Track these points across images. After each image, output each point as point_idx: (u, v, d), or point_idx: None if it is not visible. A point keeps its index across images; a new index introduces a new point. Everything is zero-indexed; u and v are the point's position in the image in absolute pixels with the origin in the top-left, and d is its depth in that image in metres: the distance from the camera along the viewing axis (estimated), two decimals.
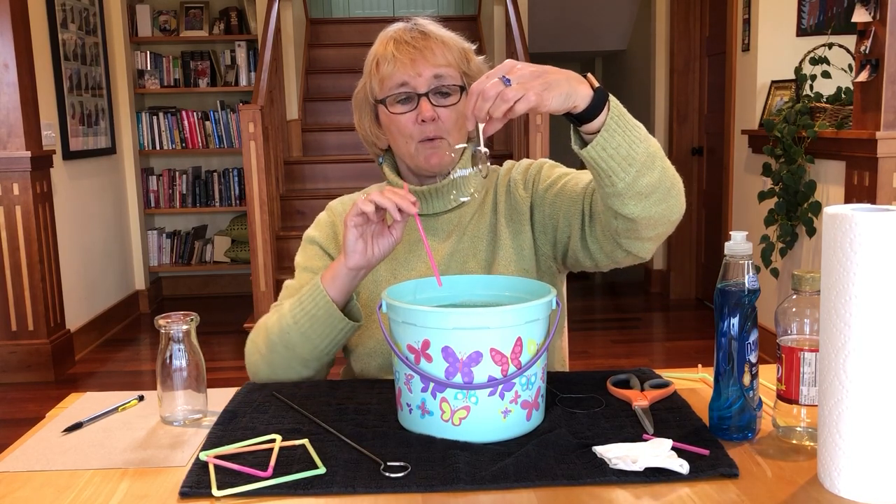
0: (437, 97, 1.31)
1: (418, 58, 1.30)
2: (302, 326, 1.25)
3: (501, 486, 0.91)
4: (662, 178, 1.13)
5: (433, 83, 1.30)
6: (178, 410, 1.15)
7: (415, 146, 1.33)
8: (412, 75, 1.30)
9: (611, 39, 6.35)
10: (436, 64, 1.30)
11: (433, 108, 1.30)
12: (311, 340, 1.26)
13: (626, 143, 1.08)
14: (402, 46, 1.30)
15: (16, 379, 3.78)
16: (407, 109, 1.31)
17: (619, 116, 1.08)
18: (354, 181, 4.81)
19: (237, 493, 0.91)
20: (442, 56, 1.31)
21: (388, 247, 1.23)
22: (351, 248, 1.21)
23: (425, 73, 1.30)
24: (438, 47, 1.31)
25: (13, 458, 1.04)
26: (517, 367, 1.02)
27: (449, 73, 1.31)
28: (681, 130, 5.22)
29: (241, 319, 4.45)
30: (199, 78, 5.35)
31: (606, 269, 1.33)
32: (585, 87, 1.06)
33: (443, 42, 1.32)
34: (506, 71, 1.04)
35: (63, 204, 4.20)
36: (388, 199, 1.16)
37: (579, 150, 1.11)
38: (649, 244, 1.23)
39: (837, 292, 0.87)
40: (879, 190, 2.83)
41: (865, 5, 2.77)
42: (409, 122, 1.31)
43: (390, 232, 1.22)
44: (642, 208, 1.14)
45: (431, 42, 1.31)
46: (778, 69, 3.85)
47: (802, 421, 1.01)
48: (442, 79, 1.31)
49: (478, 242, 1.38)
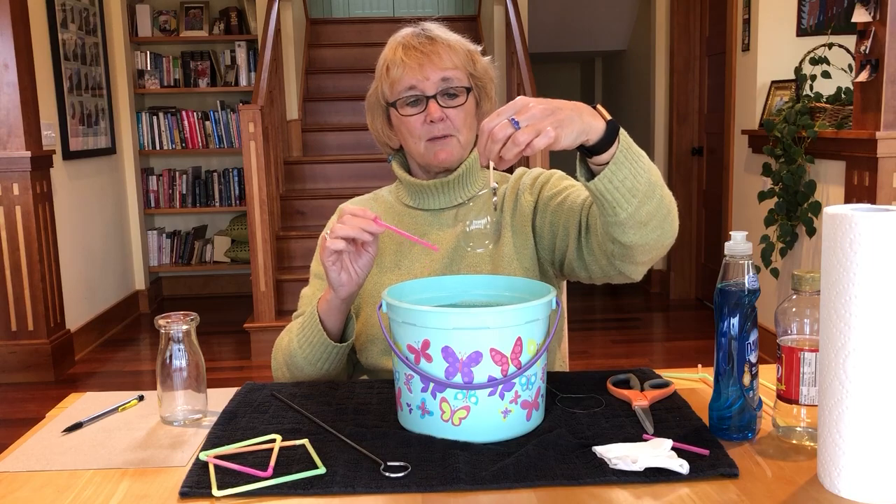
0: (445, 98, 1.36)
1: (426, 62, 1.35)
2: (305, 352, 1.33)
3: (501, 486, 0.91)
4: (660, 205, 1.16)
5: (441, 85, 1.36)
6: (178, 410, 1.15)
7: (424, 145, 1.38)
8: (420, 79, 1.35)
9: (611, 39, 6.35)
10: (443, 67, 1.35)
11: (441, 109, 1.35)
12: (313, 364, 1.34)
13: (631, 175, 1.10)
14: (410, 52, 1.35)
15: (16, 379, 3.78)
16: (416, 111, 1.37)
17: (627, 149, 1.10)
18: (354, 181, 4.81)
19: (237, 493, 0.91)
20: (448, 59, 1.36)
21: (368, 263, 1.27)
22: (337, 283, 1.25)
23: (433, 76, 1.35)
24: (445, 51, 1.36)
25: (13, 458, 1.04)
26: (517, 367, 1.02)
27: (455, 76, 1.36)
28: (681, 130, 5.22)
29: (241, 319, 4.45)
30: (199, 78, 5.35)
31: (600, 283, 1.36)
32: (599, 120, 1.07)
33: (449, 46, 1.37)
34: (517, 110, 1.03)
35: (63, 204, 4.20)
36: (352, 227, 1.20)
37: (585, 181, 1.12)
38: (641, 268, 1.27)
39: (837, 292, 0.87)
40: (879, 190, 2.83)
41: (865, 5, 2.77)
42: (419, 123, 1.37)
43: (366, 249, 1.25)
44: (640, 236, 1.17)
45: (438, 46, 1.36)
46: (778, 69, 3.85)
47: (802, 421, 1.01)
48: (449, 81, 1.36)
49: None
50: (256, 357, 4.05)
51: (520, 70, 4.26)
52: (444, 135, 1.36)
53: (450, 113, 1.36)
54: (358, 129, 5.07)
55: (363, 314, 1.41)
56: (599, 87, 7.50)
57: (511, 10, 4.68)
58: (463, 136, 1.38)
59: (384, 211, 1.48)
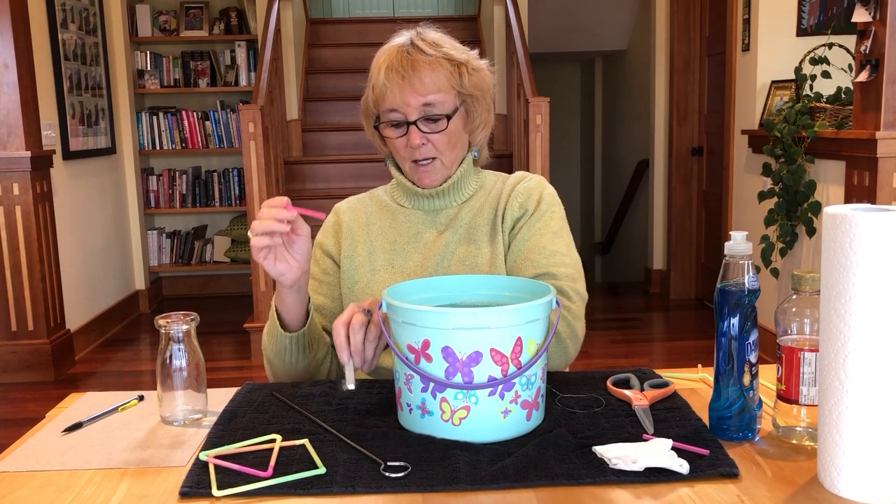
0: (427, 123, 1.35)
1: (406, 87, 1.33)
2: (270, 345, 1.34)
3: (501, 486, 0.91)
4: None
5: (422, 111, 1.34)
6: (178, 410, 1.15)
7: (409, 165, 1.40)
8: (401, 104, 1.34)
9: (611, 39, 6.35)
10: (423, 93, 1.33)
11: (422, 135, 1.35)
12: (280, 358, 1.34)
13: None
14: (391, 74, 1.33)
15: (16, 379, 3.78)
16: (399, 134, 1.37)
17: None
18: (354, 181, 4.81)
19: (237, 493, 0.91)
20: (431, 83, 1.33)
21: (304, 245, 1.23)
22: (276, 274, 1.23)
23: (413, 101, 1.34)
24: (427, 73, 1.33)
25: (13, 458, 1.04)
26: (517, 367, 1.02)
27: (437, 100, 1.34)
28: (681, 130, 5.22)
29: (241, 319, 4.45)
30: (199, 78, 5.35)
31: None
32: None
33: (430, 66, 1.33)
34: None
35: (63, 204, 4.20)
36: (267, 221, 1.17)
37: None
38: None
39: (837, 292, 0.87)
40: (879, 190, 2.83)
41: (865, 5, 2.77)
42: (402, 146, 1.38)
43: (295, 233, 1.22)
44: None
45: (421, 69, 1.33)
46: (778, 69, 3.85)
47: (802, 421, 1.01)
48: (431, 107, 1.34)
49: (474, 234, 1.42)
50: (256, 357, 4.05)
51: (520, 70, 4.26)
52: (427, 157, 1.37)
53: (431, 137, 1.36)
54: (358, 129, 5.07)
55: None
56: (599, 87, 7.49)
57: (511, 10, 4.67)
58: (446, 157, 1.39)
59: (380, 210, 1.48)
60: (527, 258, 1.37)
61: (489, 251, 1.40)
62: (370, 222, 1.47)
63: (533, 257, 1.36)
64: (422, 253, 1.42)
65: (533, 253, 1.37)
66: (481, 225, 1.42)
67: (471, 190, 1.45)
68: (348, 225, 1.47)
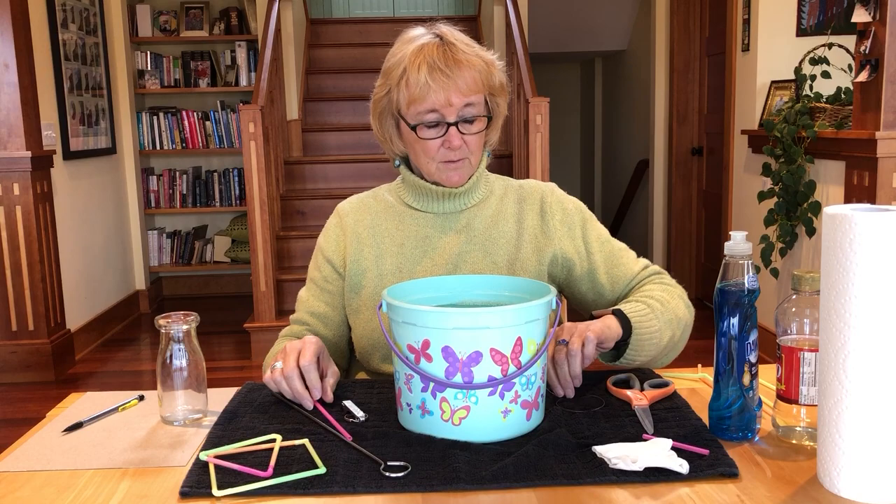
0: (465, 125, 1.34)
1: (451, 87, 1.30)
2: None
3: (501, 486, 0.91)
4: (672, 349, 1.34)
5: (462, 112, 1.32)
6: (178, 410, 1.15)
7: (436, 166, 1.36)
8: (443, 104, 1.31)
9: (611, 39, 6.35)
10: (467, 93, 1.31)
11: (461, 136, 1.33)
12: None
13: (645, 351, 1.28)
14: (436, 74, 1.29)
15: (16, 379, 3.78)
16: (435, 135, 1.33)
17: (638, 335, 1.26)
18: (355, 181, 4.81)
19: (237, 493, 0.91)
20: (473, 82, 1.32)
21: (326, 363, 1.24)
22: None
23: (456, 101, 1.31)
24: (469, 73, 1.31)
25: (13, 458, 1.04)
26: (517, 367, 1.02)
27: (477, 101, 1.34)
28: (681, 130, 5.21)
29: (241, 319, 4.45)
30: (200, 78, 5.35)
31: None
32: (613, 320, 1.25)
33: (472, 65, 1.32)
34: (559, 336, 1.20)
35: (63, 204, 4.20)
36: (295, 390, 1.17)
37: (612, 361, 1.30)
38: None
39: (837, 292, 0.87)
40: (879, 190, 2.83)
41: (865, 5, 2.77)
42: (436, 147, 1.34)
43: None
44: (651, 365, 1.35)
45: (464, 69, 1.31)
46: (778, 69, 3.85)
47: (802, 421, 1.01)
48: (471, 107, 1.33)
49: (492, 247, 1.40)
50: (256, 357, 4.05)
51: (520, 70, 4.26)
52: (459, 159, 1.36)
53: (468, 139, 1.34)
54: (358, 129, 5.07)
55: (363, 319, 1.39)
56: (599, 87, 7.50)
57: (511, 10, 4.67)
58: (475, 156, 1.38)
59: (385, 211, 1.44)
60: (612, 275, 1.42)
61: (506, 267, 1.39)
62: (376, 224, 1.43)
63: (615, 273, 1.42)
64: (430, 258, 1.39)
65: (614, 269, 1.42)
66: (497, 239, 1.40)
67: (481, 193, 1.43)
68: (353, 227, 1.43)
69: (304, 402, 1.16)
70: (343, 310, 1.43)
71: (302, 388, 1.16)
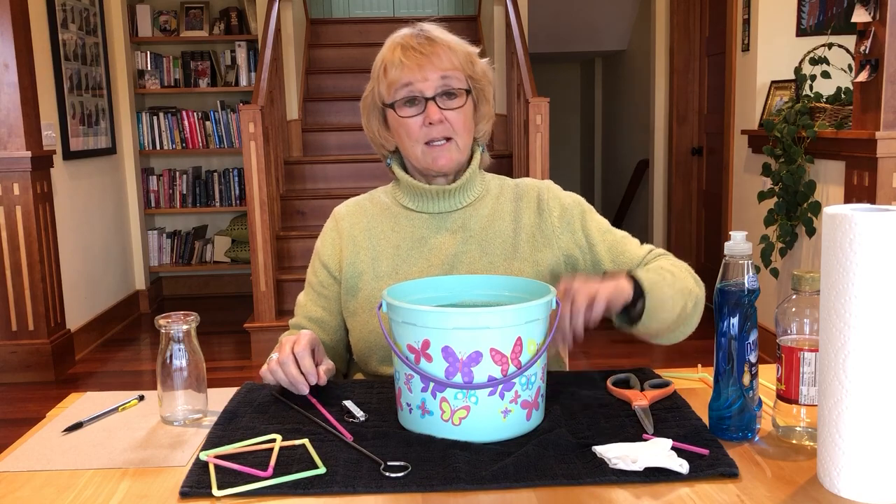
0: (444, 99, 1.34)
1: (425, 62, 1.33)
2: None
3: (501, 486, 0.91)
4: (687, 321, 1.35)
5: (440, 86, 1.34)
6: (178, 410, 1.15)
7: (421, 149, 1.36)
8: (419, 79, 1.33)
9: (611, 39, 6.35)
10: (442, 68, 1.33)
11: (440, 111, 1.33)
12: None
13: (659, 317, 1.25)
14: (409, 52, 1.33)
15: (16, 379, 3.78)
16: (414, 113, 1.34)
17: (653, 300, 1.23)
18: (354, 181, 4.81)
19: (237, 493, 0.91)
20: (448, 60, 1.34)
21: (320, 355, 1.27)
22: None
23: (432, 76, 1.33)
24: (444, 52, 1.34)
25: (13, 458, 1.04)
26: (517, 367, 1.02)
27: (455, 76, 1.35)
28: (681, 130, 5.21)
29: (241, 319, 4.45)
30: (200, 78, 5.35)
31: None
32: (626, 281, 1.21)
33: (448, 47, 1.36)
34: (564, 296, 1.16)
35: (63, 204, 4.20)
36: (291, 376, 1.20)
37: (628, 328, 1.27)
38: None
39: (837, 292, 0.87)
40: (879, 190, 2.83)
41: (865, 5, 2.77)
42: (417, 126, 1.34)
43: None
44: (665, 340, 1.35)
45: (437, 47, 1.34)
46: (778, 69, 3.85)
47: (802, 421, 1.01)
48: (448, 81, 1.34)
49: (488, 247, 1.40)
50: (256, 357, 4.05)
51: (520, 70, 4.26)
52: (443, 137, 1.34)
53: (449, 115, 1.34)
54: (358, 129, 5.07)
55: (361, 321, 1.39)
56: (599, 87, 7.50)
57: (511, 10, 4.67)
58: (461, 139, 1.36)
59: (381, 213, 1.45)
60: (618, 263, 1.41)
61: (503, 267, 1.38)
62: (371, 226, 1.43)
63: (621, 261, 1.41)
64: (426, 258, 1.39)
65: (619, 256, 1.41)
66: (493, 238, 1.40)
67: (476, 192, 1.43)
68: (349, 231, 1.43)
69: (298, 387, 1.18)
70: (340, 314, 1.43)
71: (297, 373, 1.18)
